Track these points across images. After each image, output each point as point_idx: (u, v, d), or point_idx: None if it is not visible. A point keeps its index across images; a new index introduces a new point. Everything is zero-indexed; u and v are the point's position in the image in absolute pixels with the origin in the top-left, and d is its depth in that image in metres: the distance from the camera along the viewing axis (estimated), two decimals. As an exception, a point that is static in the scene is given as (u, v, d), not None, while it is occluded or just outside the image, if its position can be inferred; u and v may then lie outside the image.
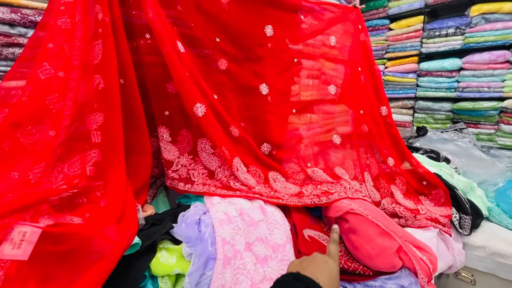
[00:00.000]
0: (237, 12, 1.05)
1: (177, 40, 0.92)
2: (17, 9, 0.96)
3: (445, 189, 1.30)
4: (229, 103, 1.07)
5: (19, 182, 0.61)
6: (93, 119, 0.74)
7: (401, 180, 1.32)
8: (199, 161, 1.03)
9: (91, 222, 0.62)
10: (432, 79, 2.51)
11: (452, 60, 2.37)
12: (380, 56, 2.87)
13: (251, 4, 1.07)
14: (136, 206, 0.77)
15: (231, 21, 1.05)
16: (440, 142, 1.93)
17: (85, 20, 0.71)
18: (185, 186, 0.98)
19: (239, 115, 1.10)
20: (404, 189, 1.31)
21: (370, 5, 2.86)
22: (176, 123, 1.01)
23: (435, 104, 2.53)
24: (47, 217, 0.57)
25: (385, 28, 2.80)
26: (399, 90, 2.77)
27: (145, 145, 0.89)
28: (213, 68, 1.06)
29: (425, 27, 2.52)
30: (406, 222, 1.14)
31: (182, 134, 1.03)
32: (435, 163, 1.58)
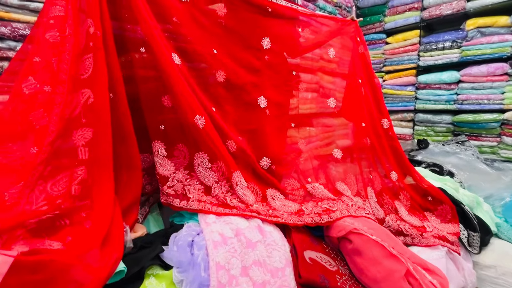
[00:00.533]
0: (233, 24, 1.04)
1: (172, 52, 0.90)
2: (8, 22, 0.95)
3: (451, 205, 1.25)
4: (227, 116, 1.04)
5: None
6: (81, 134, 0.70)
7: (405, 196, 1.27)
8: (195, 176, 0.99)
9: (72, 247, 0.57)
10: (431, 92, 2.51)
11: (450, 72, 2.37)
12: (378, 69, 2.89)
13: (248, 17, 1.06)
14: (124, 227, 0.72)
15: (228, 34, 1.04)
16: (443, 155, 1.89)
17: (76, 33, 0.69)
18: (180, 203, 0.93)
19: (238, 128, 1.07)
20: (409, 205, 1.26)
21: (367, 20, 2.91)
22: (172, 137, 0.98)
23: (435, 117, 2.51)
24: (22, 242, 0.52)
25: (382, 42, 2.83)
26: (398, 103, 2.77)
27: (134, 160, 0.85)
28: (211, 81, 1.04)
29: (422, 40, 2.55)
30: (413, 240, 1.08)
31: (178, 149, 0.99)
32: (439, 177, 1.53)
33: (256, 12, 1.07)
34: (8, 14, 0.96)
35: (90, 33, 0.72)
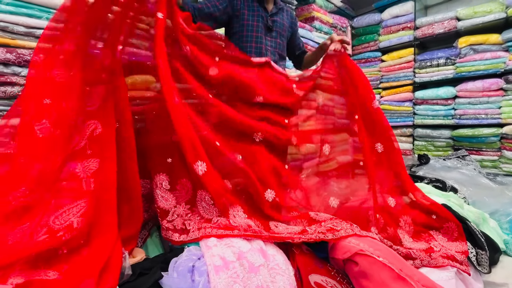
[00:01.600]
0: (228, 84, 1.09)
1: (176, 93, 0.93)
2: (13, 49, 0.97)
3: (457, 222, 1.21)
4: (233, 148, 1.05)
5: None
6: (86, 166, 0.70)
7: (406, 221, 1.22)
8: (197, 211, 0.97)
9: (67, 277, 0.55)
10: (429, 107, 2.54)
11: (446, 88, 2.42)
12: (375, 86, 2.94)
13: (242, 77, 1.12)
14: (123, 253, 0.69)
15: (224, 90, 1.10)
16: (444, 170, 1.88)
17: (86, 67, 0.71)
18: (180, 237, 0.90)
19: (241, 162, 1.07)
20: (412, 230, 1.22)
21: (361, 39, 3.01)
22: (177, 171, 0.97)
23: (434, 132, 2.52)
24: (18, 273, 0.50)
25: (377, 60, 2.90)
26: (396, 118, 2.79)
27: (136, 190, 0.83)
28: (212, 118, 1.05)
29: (416, 58, 2.62)
30: (422, 262, 1.04)
31: (181, 183, 0.98)
32: (442, 193, 1.51)
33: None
34: (14, 41, 0.99)
35: (102, 65, 0.74)
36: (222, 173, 0.99)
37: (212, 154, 0.96)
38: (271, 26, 1.39)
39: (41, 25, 1.02)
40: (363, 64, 3.01)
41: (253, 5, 1.39)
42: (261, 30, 1.38)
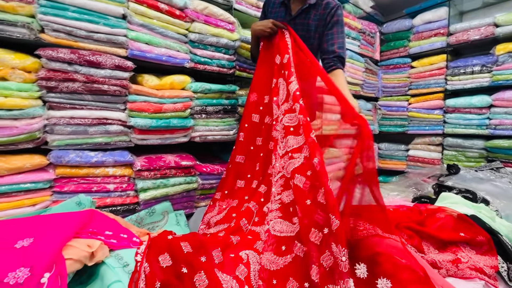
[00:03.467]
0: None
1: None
2: (76, 50, 1.11)
3: (487, 235, 1.17)
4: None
5: None
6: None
7: (430, 241, 1.18)
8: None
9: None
10: (461, 116, 2.44)
11: (481, 97, 2.31)
12: (403, 92, 2.88)
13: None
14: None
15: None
16: (476, 181, 1.80)
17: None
18: None
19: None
20: (437, 242, 1.19)
21: (390, 45, 2.96)
22: None
23: (466, 141, 2.41)
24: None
25: (407, 66, 2.84)
26: (425, 126, 2.71)
27: None
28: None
29: (449, 64, 2.53)
30: (448, 272, 1.02)
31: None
32: (473, 204, 1.46)
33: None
34: (77, 43, 1.13)
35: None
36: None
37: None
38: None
39: (99, 30, 1.16)
40: (391, 70, 2.95)
41: (278, 10, 1.40)
42: None
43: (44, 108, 1.09)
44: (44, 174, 1.09)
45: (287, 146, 1.11)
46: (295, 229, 0.96)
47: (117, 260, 0.77)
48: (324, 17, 1.33)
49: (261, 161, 1.25)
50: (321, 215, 0.92)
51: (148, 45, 1.32)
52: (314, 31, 1.35)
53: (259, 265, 0.91)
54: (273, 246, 0.93)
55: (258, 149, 1.29)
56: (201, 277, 0.78)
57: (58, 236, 0.70)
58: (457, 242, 1.21)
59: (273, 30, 1.32)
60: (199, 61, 1.51)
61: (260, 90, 1.35)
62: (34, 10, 1.04)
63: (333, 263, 0.80)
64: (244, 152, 1.33)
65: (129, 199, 1.28)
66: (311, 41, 1.37)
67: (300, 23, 1.36)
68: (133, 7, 1.26)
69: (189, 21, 1.44)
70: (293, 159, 1.05)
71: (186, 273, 0.77)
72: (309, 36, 1.37)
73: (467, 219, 1.24)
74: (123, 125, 1.27)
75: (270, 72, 1.32)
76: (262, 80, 1.35)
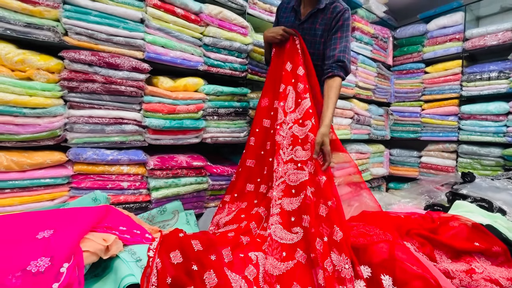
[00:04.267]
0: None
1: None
2: (96, 52, 1.16)
3: (503, 246, 1.14)
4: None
5: None
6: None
7: (442, 250, 1.16)
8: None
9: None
10: (476, 123, 2.38)
11: (498, 103, 2.25)
12: (416, 98, 2.83)
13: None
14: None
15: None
16: (492, 190, 1.74)
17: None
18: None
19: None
20: (451, 251, 1.16)
21: (403, 50, 2.92)
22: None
23: (482, 149, 2.35)
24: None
25: (420, 71, 2.80)
26: (438, 133, 2.65)
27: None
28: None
29: (464, 70, 2.48)
30: (461, 283, 0.99)
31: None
32: (488, 213, 1.42)
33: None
34: (97, 45, 1.18)
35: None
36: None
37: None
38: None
39: (118, 33, 1.21)
40: (404, 75, 2.91)
41: (288, 15, 1.41)
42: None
43: (65, 107, 1.14)
44: (63, 170, 1.13)
45: (294, 155, 1.14)
46: (294, 238, 0.99)
47: (130, 254, 0.79)
48: (330, 21, 1.30)
49: (269, 165, 1.26)
50: (325, 227, 0.97)
51: (164, 48, 1.36)
52: (320, 36, 1.33)
53: (264, 268, 0.92)
54: (276, 251, 0.96)
55: (267, 153, 1.30)
56: (210, 275, 0.79)
57: (77, 228, 0.73)
58: (471, 252, 1.17)
59: (284, 37, 1.34)
60: (212, 64, 1.54)
61: (272, 96, 1.37)
62: (59, 14, 1.10)
63: (336, 270, 0.83)
64: (254, 156, 1.35)
65: (141, 197, 1.32)
66: (317, 46, 1.35)
67: (308, 28, 1.35)
68: (151, 12, 1.30)
69: (203, 25, 1.48)
70: (302, 171, 1.09)
71: (196, 271, 0.78)
72: (315, 41, 1.35)
73: (482, 229, 1.20)
74: (138, 125, 1.31)
75: (280, 78, 1.34)
76: (273, 86, 1.37)
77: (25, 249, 0.64)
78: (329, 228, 0.97)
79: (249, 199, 1.28)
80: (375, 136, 2.72)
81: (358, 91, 2.53)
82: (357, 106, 2.48)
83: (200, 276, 0.78)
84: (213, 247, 0.90)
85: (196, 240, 0.89)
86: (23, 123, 1.04)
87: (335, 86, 1.21)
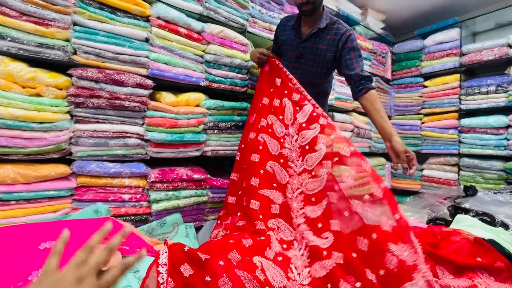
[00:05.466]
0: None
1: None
2: (103, 70, 1.22)
3: (506, 261, 1.12)
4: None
5: None
6: None
7: (444, 266, 1.15)
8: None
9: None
10: (477, 136, 2.39)
11: (497, 117, 2.26)
12: (416, 111, 2.86)
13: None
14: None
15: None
16: (494, 204, 1.73)
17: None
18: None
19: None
20: (453, 266, 1.15)
21: (402, 64, 2.98)
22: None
23: (483, 162, 2.34)
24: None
25: (419, 85, 2.84)
26: (439, 146, 2.65)
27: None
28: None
29: (462, 84, 2.51)
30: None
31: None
32: (491, 228, 1.40)
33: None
34: (104, 63, 1.24)
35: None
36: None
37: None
38: (299, 55, 1.40)
39: (124, 52, 1.28)
40: (403, 89, 2.96)
41: (288, 33, 1.45)
42: (290, 58, 1.44)
43: (71, 122, 1.19)
44: (67, 183, 1.16)
45: (306, 165, 1.18)
46: (326, 242, 1.01)
47: (129, 266, 0.80)
48: (335, 43, 1.32)
49: (247, 178, 1.31)
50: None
51: (167, 65, 1.43)
52: (323, 55, 1.36)
53: (274, 270, 0.93)
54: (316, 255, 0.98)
55: (248, 167, 1.34)
56: (224, 280, 0.82)
57: (78, 240, 0.74)
58: (474, 268, 1.16)
59: (261, 59, 1.45)
60: (214, 80, 1.60)
61: (259, 111, 1.42)
62: (69, 35, 1.17)
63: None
64: (238, 170, 1.44)
65: (142, 209, 1.33)
66: (320, 65, 1.39)
67: (309, 47, 1.38)
68: (155, 31, 1.38)
69: (205, 43, 1.55)
70: (317, 178, 1.13)
71: (211, 281, 0.81)
72: (318, 60, 1.38)
73: (484, 243, 1.19)
74: (141, 139, 1.35)
75: (269, 95, 1.41)
76: (261, 103, 1.43)
77: (27, 259, 0.66)
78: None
79: (233, 212, 1.32)
80: (376, 149, 2.73)
81: (358, 105, 2.57)
82: (357, 120, 2.51)
83: (215, 284, 0.80)
84: (219, 253, 0.92)
85: (199, 251, 0.91)
86: (30, 137, 1.08)
87: (376, 98, 1.22)
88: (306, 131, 1.21)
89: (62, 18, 1.14)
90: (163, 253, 0.87)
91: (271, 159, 1.29)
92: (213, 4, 1.59)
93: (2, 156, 1.06)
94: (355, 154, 1.07)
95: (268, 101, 1.40)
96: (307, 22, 1.39)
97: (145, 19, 1.35)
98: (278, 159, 1.28)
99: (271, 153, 1.30)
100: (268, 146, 1.32)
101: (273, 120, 1.35)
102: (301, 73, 1.40)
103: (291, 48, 1.44)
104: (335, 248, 0.97)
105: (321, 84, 1.48)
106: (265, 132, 1.35)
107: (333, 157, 1.11)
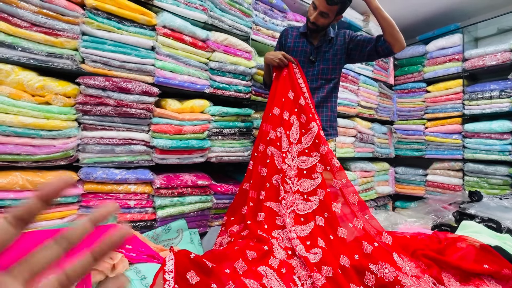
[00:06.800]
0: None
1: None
2: (110, 78, 1.24)
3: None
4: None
5: None
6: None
7: (450, 272, 1.15)
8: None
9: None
10: (481, 141, 2.38)
11: (501, 122, 2.25)
12: (419, 116, 2.86)
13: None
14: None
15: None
16: (500, 210, 1.71)
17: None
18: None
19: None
20: (459, 274, 1.14)
21: (404, 70, 2.99)
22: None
23: (488, 168, 2.32)
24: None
25: (422, 90, 2.84)
26: (443, 151, 2.64)
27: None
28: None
29: (466, 89, 2.52)
30: (470, 305, 0.97)
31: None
32: (497, 234, 1.39)
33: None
34: (111, 72, 1.27)
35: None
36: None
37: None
38: (313, 59, 1.48)
39: (131, 60, 1.30)
40: (406, 94, 2.96)
41: (298, 41, 1.51)
42: (303, 62, 1.49)
43: (79, 129, 1.21)
44: (74, 189, 1.18)
45: (300, 187, 1.26)
46: (315, 257, 1.05)
47: (136, 273, 0.81)
48: (342, 44, 1.46)
49: (266, 189, 1.34)
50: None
51: (172, 73, 1.45)
52: (334, 63, 1.47)
53: (277, 283, 0.93)
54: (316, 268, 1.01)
55: (264, 179, 1.37)
56: (231, 287, 0.82)
57: (85, 247, 0.75)
58: (481, 275, 1.14)
59: (282, 62, 1.44)
60: (218, 87, 1.62)
61: (272, 121, 1.44)
62: (78, 44, 1.19)
63: None
64: (249, 179, 1.45)
65: (147, 215, 1.34)
66: (327, 63, 1.47)
67: (321, 57, 1.47)
68: (161, 40, 1.40)
69: (210, 51, 1.57)
70: (309, 202, 1.23)
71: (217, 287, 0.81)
72: (328, 69, 1.47)
73: (490, 250, 1.18)
74: (146, 145, 1.36)
75: (281, 105, 1.43)
76: (271, 113, 1.45)
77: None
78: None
79: (242, 221, 1.32)
80: (379, 154, 2.73)
81: (361, 110, 2.58)
82: (360, 125, 2.51)
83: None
84: (225, 262, 0.92)
85: (205, 259, 0.91)
86: (39, 145, 1.10)
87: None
88: (307, 157, 1.30)
89: (71, 28, 1.17)
90: (169, 260, 0.87)
91: (276, 173, 1.34)
92: (218, 12, 1.62)
93: (12, 163, 1.08)
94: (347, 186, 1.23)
95: (279, 112, 1.42)
96: (314, 36, 1.49)
97: (151, 28, 1.38)
98: (279, 173, 1.32)
99: (276, 167, 1.35)
100: (274, 160, 1.37)
101: (281, 133, 1.37)
102: (317, 73, 1.48)
103: (304, 54, 1.49)
104: (323, 263, 1.01)
105: (334, 79, 1.53)
106: (274, 145, 1.39)
107: (326, 187, 1.23)
